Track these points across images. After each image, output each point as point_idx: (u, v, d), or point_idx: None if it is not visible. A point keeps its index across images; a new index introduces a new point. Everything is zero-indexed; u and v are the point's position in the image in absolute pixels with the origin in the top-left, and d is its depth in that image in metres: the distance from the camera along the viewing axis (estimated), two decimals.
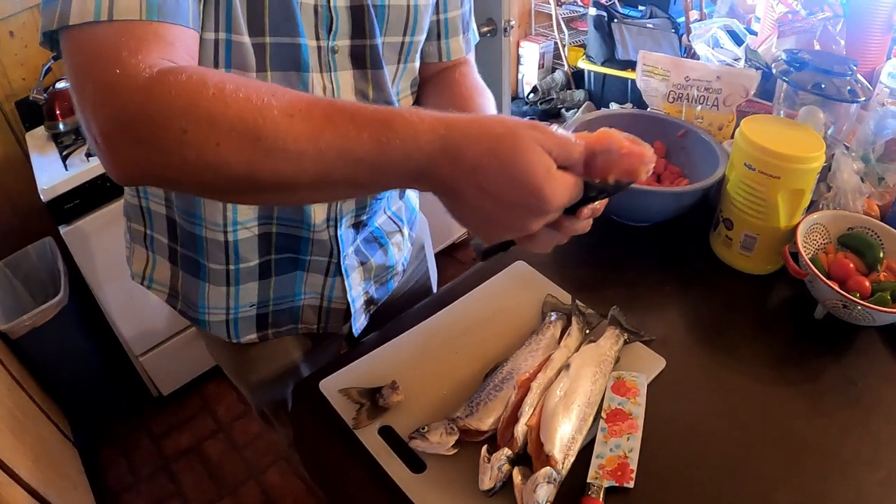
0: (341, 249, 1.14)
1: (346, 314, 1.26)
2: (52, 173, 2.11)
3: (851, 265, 1.14)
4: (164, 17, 0.70)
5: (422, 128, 0.68)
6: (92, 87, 0.66)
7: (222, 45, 0.85)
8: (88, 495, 2.33)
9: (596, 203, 0.76)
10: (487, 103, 1.12)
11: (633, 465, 0.91)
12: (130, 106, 0.64)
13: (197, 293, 1.15)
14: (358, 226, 1.17)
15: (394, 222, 1.30)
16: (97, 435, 2.68)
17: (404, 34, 1.04)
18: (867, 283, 1.10)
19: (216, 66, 0.86)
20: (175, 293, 1.18)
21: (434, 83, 1.16)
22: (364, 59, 1.00)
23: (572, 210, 0.74)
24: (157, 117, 0.64)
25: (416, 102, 1.17)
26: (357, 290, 1.24)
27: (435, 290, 1.59)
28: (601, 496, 0.87)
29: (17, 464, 1.79)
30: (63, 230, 2.15)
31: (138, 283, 1.20)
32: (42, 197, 2.06)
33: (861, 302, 1.04)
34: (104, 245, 2.23)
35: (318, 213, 1.08)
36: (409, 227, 1.36)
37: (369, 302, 1.30)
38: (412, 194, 1.38)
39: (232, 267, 1.10)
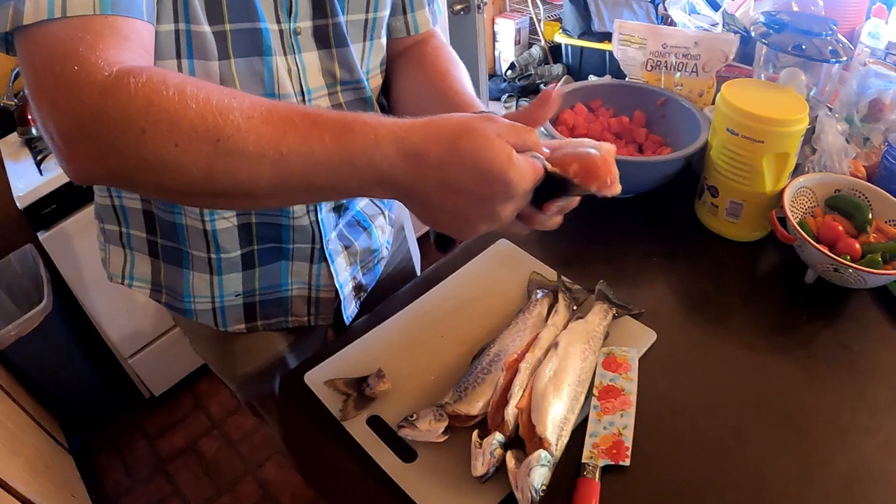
0: (323, 234, 1.12)
1: (337, 302, 1.24)
2: (28, 179, 2.08)
3: (840, 228, 1.13)
4: (118, 10, 0.69)
5: (382, 132, 0.69)
6: (50, 85, 0.65)
7: (182, 35, 0.83)
8: (87, 502, 2.31)
9: (562, 200, 0.78)
10: (463, 75, 1.09)
11: (629, 443, 0.89)
12: (89, 104, 0.64)
13: (181, 283, 1.13)
14: (339, 209, 1.15)
15: (375, 205, 1.28)
16: (92, 440, 2.66)
17: (367, 10, 1.01)
18: (857, 246, 1.09)
19: (178, 57, 0.84)
20: (158, 286, 1.16)
21: (406, 59, 1.13)
22: (328, 39, 0.98)
23: (538, 204, 0.77)
24: (115, 116, 0.63)
25: (389, 81, 1.14)
26: (344, 275, 1.22)
27: (419, 272, 1.56)
28: (597, 476, 0.86)
29: (12, 477, 1.77)
30: (42, 236, 2.13)
31: (118, 283, 1.18)
32: (18, 204, 2.03)
33: (852, 265, 1.02)
34: (85, 248, 2.21)
35: None
36: (389, 209, 1.34)
37: (358, 288, 1.28)
38: None
39: (213, 256, 1.08)
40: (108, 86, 0.64)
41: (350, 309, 1.26)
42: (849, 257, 1.06)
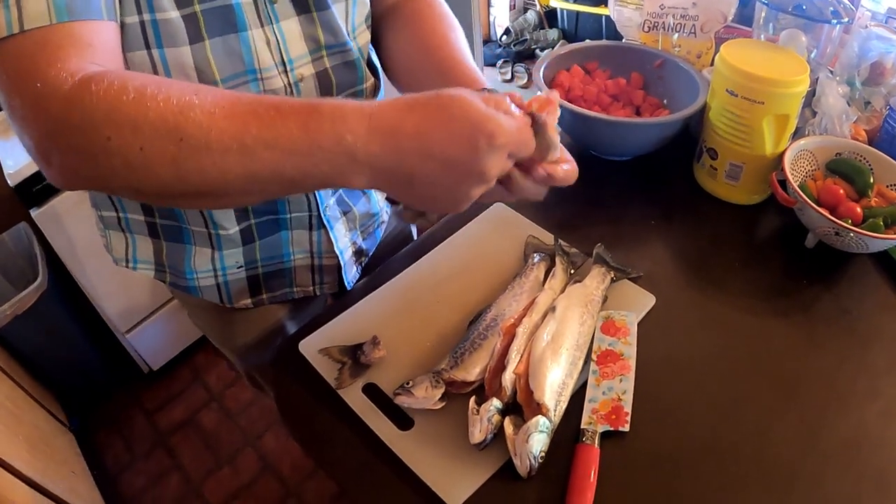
0: (320, 202, 1.09)
1: (339, 269, 1.22)
2: (17, 156, 2.03)
3: (841, 191, 1.11)
4: (74, 15, 0.69)
5: (348, 111, 0.67)
6: (19, 102, 0.65)
7: (148, 25, 0.80)
8: (88, 479, 2.30)
9: (550, 168, 0.78)
10: (460, 39, 1.05)
11: (628, 408, 0.88)
12: (56, 117, 0.64)
13: (183, 260, 1.11)
14: None
15: None
16: (91, 417, 2.64)
17: None
18: (858, 210, 1.08)
19: (147, 48, 0.81)
20: (162, 266, 1.14)
21: (395, 18, 1.08)
22: (307, 2, 0.93)
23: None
24: (82, 126, 0.64)
25: (379, 44, 1.10)
26: (343, 241, 1.19)
27: (416, 236, 1.54)
28: (596, 442, 0.85)
29: (13, 456, 1.76)
30: (34, 213, 2.09)
31: (123, 267, 1.15)
32: (9, 181, 1.99)
33: (854, 228, 1.01)
34: (78, 224, 2.17)
35: None
36: None
37: (359, 253, 1.26)
38: None
39: (212, 231, 1.06)
40: (70, 97, 0.64)
41: (351, 274, 1.25)
42: (850, 221, 1.04)
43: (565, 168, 0.79)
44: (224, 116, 0.65)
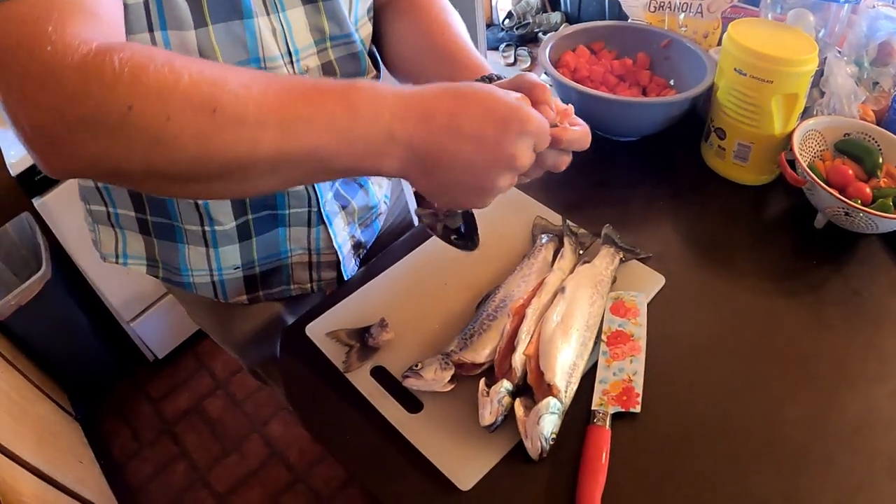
0: (319, 197, 1.08)
1: (338, 264, 1.21)
2: (19, 146, 1.98)
3: (850, 172, 1.10)
4: None
5: (387, 92, 0.67)
6: (18, 73, 0.58)
7: (153, 5, 0.77)
8: (95, 468, 2.30)
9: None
10: (461, 28, 1.04)
11: (639, 389, 0.88)
12: (68, 87, 0.57)
13: (177, 257, 1.09)
14: None
15: None
16: (97, 406, 2.64)
17: None
18: (867, 190, 1.07)
19: (150, 30, 0.78)
20: (154, 262, 1.12)
21: (395, 9, 1.07)
22: None
23: None
24: (99, 96, 0.57)
25: (379, 36, 1.09)
26: (342, 235, 1.18)
27: (417, 223, 1.53)
28: (608, 423, 0.84)
29: (19, 447, 1.75)
30: (37, 202, 2.08)
31: (112, 262, 1.13)
32: (10, 171, 1.98)
33: (864, 209, 1.00)
34: (81, 214, 2.12)
35: None
36: None
37: (357, 246, 1.25)
38: None
39: (207, 228, 1.04)
40: (87, 64, 0.57)
41: (350, 267, 1.24)
42: (859, 201, 1.03)
43: (576, 129, 0.79)
44: (260, 91, 0.62)
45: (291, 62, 0.91)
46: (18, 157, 1.98)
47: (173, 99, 0.58)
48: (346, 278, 1.23)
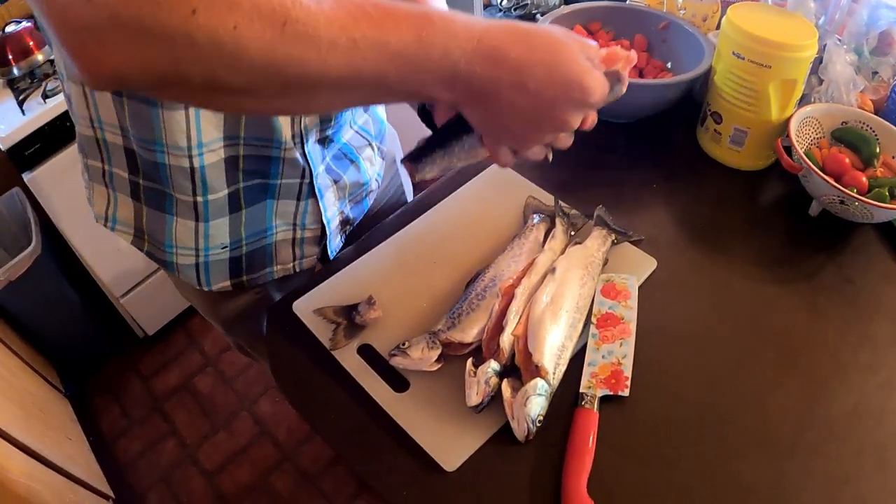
0: (313, 168, 1.07)
1: (321, 239, 1.20)
2: (10, 120, 2.02)
3: (847, 160, 1.09)
4: None
5: (459, 27, 0.66)
6: None
7: None
8: (84, 444, 2.30)
9: None
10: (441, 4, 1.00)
11: (628, 373, 0.87)
12: None
13: (163, 230, 1.07)
14: (324, 141, 1.09)
15: (362, 136, 1.22)
16: (87, 382, 2.65)
17: None
18: (863, 179, 1.06)
19: None
20: (140, 233, 1.11)
21: None
22: None
23: None
24: None
25: None
26: (332, 210, 1.17)
27: (410, 198, 1.52)
28: (595, 406, 0.84)
29: (8, 423, 1.75)
30: (27, 177, 2.08)
31: (102, 224, 1.12)
32: (1, 145, 1.98)
33: (860, 197, 0.99)
34: (71, 188, 2.10)
35: (286, 127, 0.99)
36: (379, 141, 1.29)
37: (345, 222, 1.24)
38: (380, 108, 1.30)
39: (200, 198, 1.02)
40: None
41: (335, 243, 1.23)
42: (855, 190, 1.03)
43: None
44: (332, 9, 0.59)
45: None
46: (9, 131, 1.97)
47: (242, 7, 0.54)
48: (330, 255, 1.22)
